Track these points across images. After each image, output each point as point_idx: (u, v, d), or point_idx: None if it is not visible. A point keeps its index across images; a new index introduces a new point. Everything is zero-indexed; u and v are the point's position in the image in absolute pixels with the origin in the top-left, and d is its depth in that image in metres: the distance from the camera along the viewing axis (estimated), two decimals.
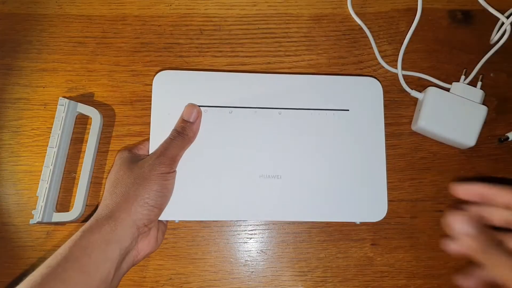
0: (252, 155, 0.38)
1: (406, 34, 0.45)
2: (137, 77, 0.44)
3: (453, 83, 0.43)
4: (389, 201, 0.41)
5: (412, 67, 0.45)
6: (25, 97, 0.44)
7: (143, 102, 0.44)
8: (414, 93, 0.43)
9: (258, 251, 0.41)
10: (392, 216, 0.41)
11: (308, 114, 0.38)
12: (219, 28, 0.45)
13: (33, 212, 0.39)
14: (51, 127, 0.42)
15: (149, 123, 0.42)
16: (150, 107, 0.43)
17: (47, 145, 0.41)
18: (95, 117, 0.42)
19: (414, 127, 0.42)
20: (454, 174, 0.42)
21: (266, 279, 0.40)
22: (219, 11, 0.46)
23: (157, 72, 0.39)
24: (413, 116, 0.43)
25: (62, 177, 0.42)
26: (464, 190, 0.31)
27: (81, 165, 0.41)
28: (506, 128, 0.43)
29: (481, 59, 0.44)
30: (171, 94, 0.38)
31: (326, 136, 0.38)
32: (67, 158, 0.42)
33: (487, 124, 0.43)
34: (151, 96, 0.43)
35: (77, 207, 0.40)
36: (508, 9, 0.45)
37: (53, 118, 0.42)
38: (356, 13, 0.46)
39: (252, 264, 0.41)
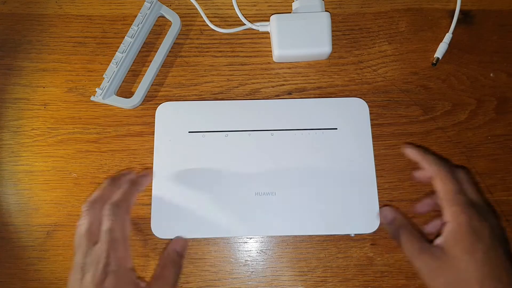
0: (247, 174, 0.40)
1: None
2: (137, 77, 0.44)
3: (293, 3, 0.44)
4: (389, 201, 0.41)
5: (412, 67, 0.45)
6: (25, 97, 0.44)
7: (143, 102, 0.44)
8: (261, 28, 0.44)
9: (258, 251, 0.41)
10: None
11: (298, 134, 0.41)
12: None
13: (96, 89, 0.41)
14: (52, 127, 0.43)
15: (148, 123, 0.43)
16: (150, 107, 0.43)
17: (47, 145, 0.42)
18: (175, 22, 0.44)
19: (275, 60, 0.44)
20: None
21: (266, 279, 0.40)
22: (219, 11, 0.46)
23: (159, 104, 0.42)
24: (413, 116, 0.43)
25: (128, 71, 0.44)
26: (409, 151, 0.40)
27: (149, 63, 0.43)
28: (506, 128, 0.43)
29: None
30: (172, 122, 0.41)
31: (316, 153, 0.40)
32: (138, 52, 0.45)
33: (487, 124, 0.43)
34: (151, 96, 0.44)
35: (137, 96, 0.42)
36: (508, 9, 0.45)
37: (53, 118, 0.43)
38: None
39: (252, 264, 0.41)
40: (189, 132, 0.41)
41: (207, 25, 0.45)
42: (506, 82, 0.44)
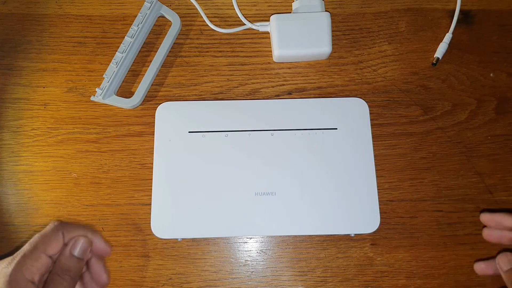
0: (247, 174, 0.40)
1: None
2: (137, 77, 0.44)
3: (293, 3, 0.44)
4: (389, 201, 0.41)
5: (412, 67, 0.45)
6: (25, 97, 0.44)
7: (143, 102, 0.44)
8: (261, 28, 0.44)
9: (258, 251, 0.41)
10: (392, 216, 0.41)
11: (298, 134, 0.41)
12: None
13: (96, 89, 0.41)
14: (52, 127, 0.43)
15: (148, 123, 0.43)
16: (150, 107, 0.43)
17: (47, 145, 0.41)
18: (175, 22, 0.44)
19: (275, 60, 0.44)
20: (454, 174, 0.42)
21: (266, 279, 0.40)
22: (219, 11, 0.46)
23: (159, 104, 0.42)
24: (413, 116, 0.43)
25: (128, 71, 0.44)
26: (487, 218, 0.39)
27: (149, 63, 0.44)
28: (506, 128, 0.43)
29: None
30: (172, 122, 0.41)
31: (316, 153, 0.40)
32: (138, 53, 0.45)
33: (487, 124, 0.43)
34: (151, 96, 0.44)
35: (137, 96, 0.42)
36: (508, 9, 0.45)
37: (53, 118, 0.43)
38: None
39: (252, 264, 0.41)
40: (189, 132, 0.41)
41: (207, 25, 0.45)
42: (506, 82, 0.44)
